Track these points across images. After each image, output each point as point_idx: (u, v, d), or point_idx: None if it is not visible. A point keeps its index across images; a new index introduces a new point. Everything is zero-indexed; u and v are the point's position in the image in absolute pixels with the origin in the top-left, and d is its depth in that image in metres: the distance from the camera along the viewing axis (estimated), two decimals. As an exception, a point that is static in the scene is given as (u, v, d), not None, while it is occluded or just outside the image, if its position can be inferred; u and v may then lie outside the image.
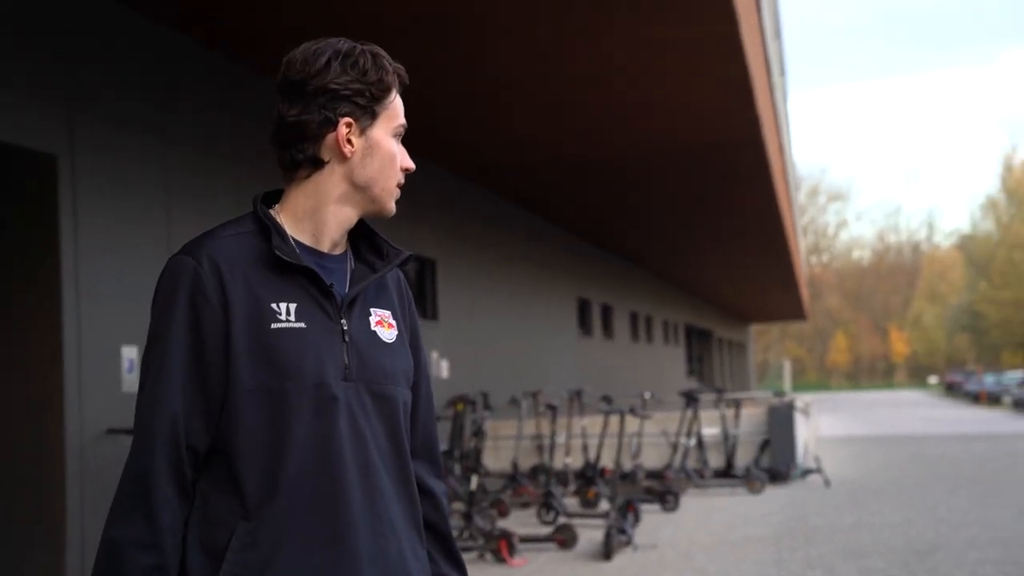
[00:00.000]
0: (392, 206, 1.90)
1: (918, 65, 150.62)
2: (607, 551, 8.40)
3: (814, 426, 21.44)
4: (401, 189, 1.92)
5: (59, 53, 6.28)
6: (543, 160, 12.86)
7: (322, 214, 1.85)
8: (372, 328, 1.87)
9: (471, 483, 9.01)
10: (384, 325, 1.89)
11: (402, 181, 1.91)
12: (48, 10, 6.22)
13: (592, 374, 19.68)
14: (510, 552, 8.23)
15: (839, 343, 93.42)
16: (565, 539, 8.87)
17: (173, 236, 7.01)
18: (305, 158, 1.83)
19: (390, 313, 1.92)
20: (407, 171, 1.91)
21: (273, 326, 1.77)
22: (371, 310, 1.88)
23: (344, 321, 1.82)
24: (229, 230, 1.83)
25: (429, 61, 8.47)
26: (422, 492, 1.94)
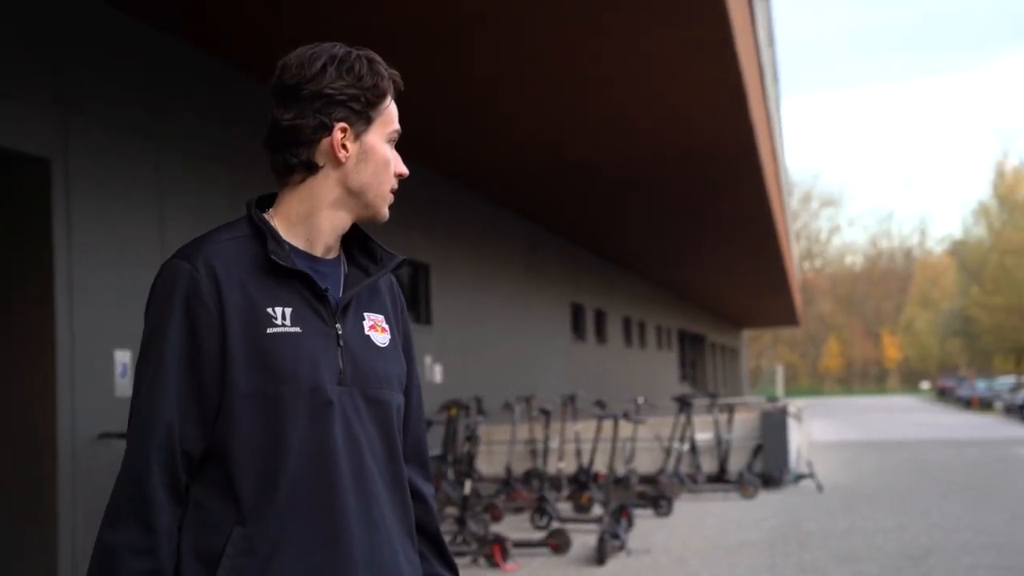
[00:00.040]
0: (386, 211, 1.90)
1: (910, 71, 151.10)
2: (600, 556, 8.40)
3: (807, 431, 21.46)
4: (394, 194, 1.92)
5: (53, 57, 6.27)
6: (537, 165, 12.87)
7: (316, 219, 1.84)
8: (366, 332, 1.87)
9: (464, 488, 9.00)
10: (378, 329, 1.89)
11: (396, 187, 1.91)
12: (42, 14, 6.21)
13: (585, 379, 19.68)
14: (503, 557, 8.23)
15: (832, 348, 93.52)
16: (558, 544, 8.87)
17: (166, 240, 7.00)
18: (299, 162, 1.82)
19: (383, 317, 1.91)
20: (401, 177, 1.90)
21: (269, 331, 1.76)
22: (365, 314, 1.88)
23: (339, 325, 1.82)
24: (224, 234, 1.82)
25: (423, 66, 8.48)
26: (413, 496, 1.94)
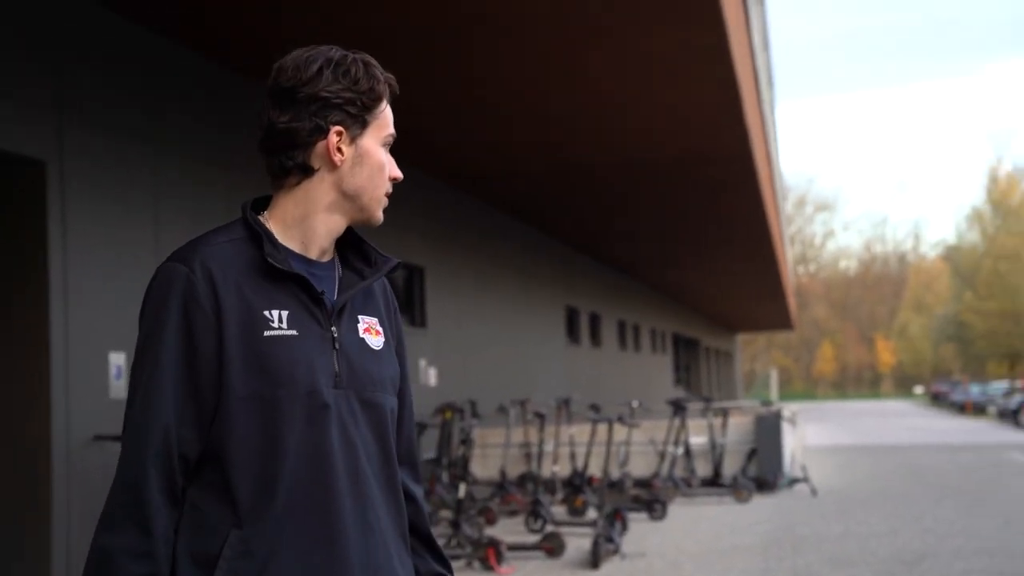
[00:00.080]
0: (380, 215, 1.90)
1: (905, 77, 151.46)
2: (595, 559, 8.40)
3: (801, 435, 21.48)
4: (389, 198, 1.92)
5: (49, 59, 6.27)
6: (532, 168, 12.88)
7: (311, 222, 1.85)
8: (361, 335, 1.87)
9: (459, 491, 9.00)
10: (372, 332, 1.89)
11: (390, 190, 1.91)
12: (38, 16, 6.20)
13: (580, 382, 19.68)
14: (498, 560, 8.23)
15: (825, 353, 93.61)
16: (553, 547, 8.87)
17: (161, 243, 7.00)
18: (295, 165, 1.82)
19: (377, 320, 1.92)
20: (395, 180, 1.91)
21: (266, 333, 1.76)
22: (359, 317, 1.88)
23: (334, 328, 1.82)
24: (220, 237, 1.82)
25: (419, 70, 8.48)
26: (406, 497, 1.95)
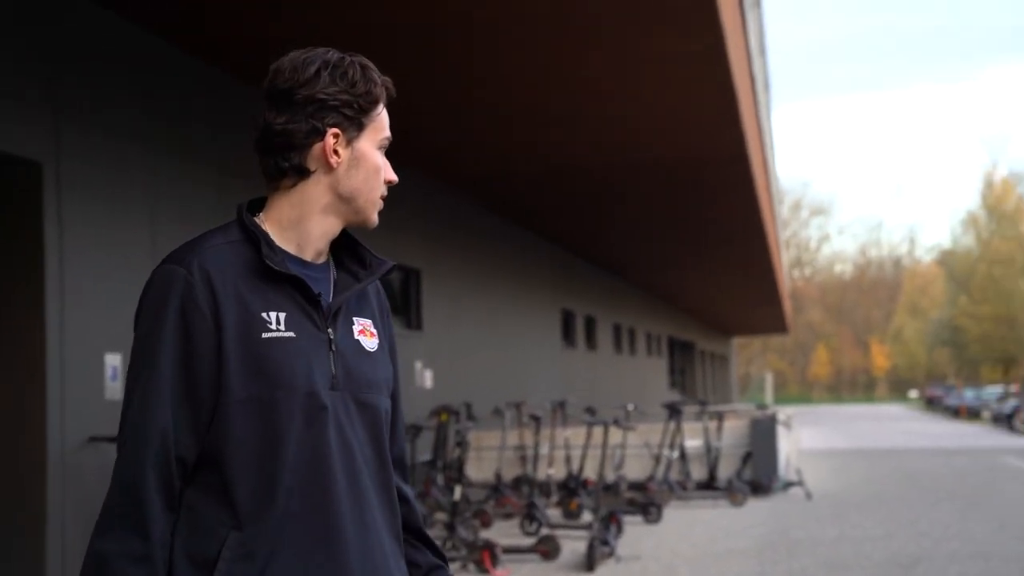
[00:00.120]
0: (375, 217, 1.90)
1: (900, 81, 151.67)
2: (590, 562, 8.40)
3: (796, 439, 21.47)
4: (384, 201, 1.93)
5: (45, 60, 6.26)
6: (529, 171, 12.89)
7: (307, 224, 1.85)
8: (356, 337, 1.87)
9: (454, 493, 9.00)
10: (367, 334, 1.89)
11: (385, 193, 1.91)
12: (34, 17, 6.20)
13: (575, 385, 19.69)
14: (493, 563, 8.22)
15: (820, 356, 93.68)
16: (548, 550, 8.88)
17: (157, 244, 6.99)
18: (291, 167, 1.82)
19: (371, 322, 1.92)
20: (390, 184, 1.91)
21: (264, 335, 1.76)
22: (354, 319, 1.88)
23: (330, 330, 1.83)
24: (217, 238, 1.81)
25: (415, 72, 8.48)
26: (399, 498, 1.96)
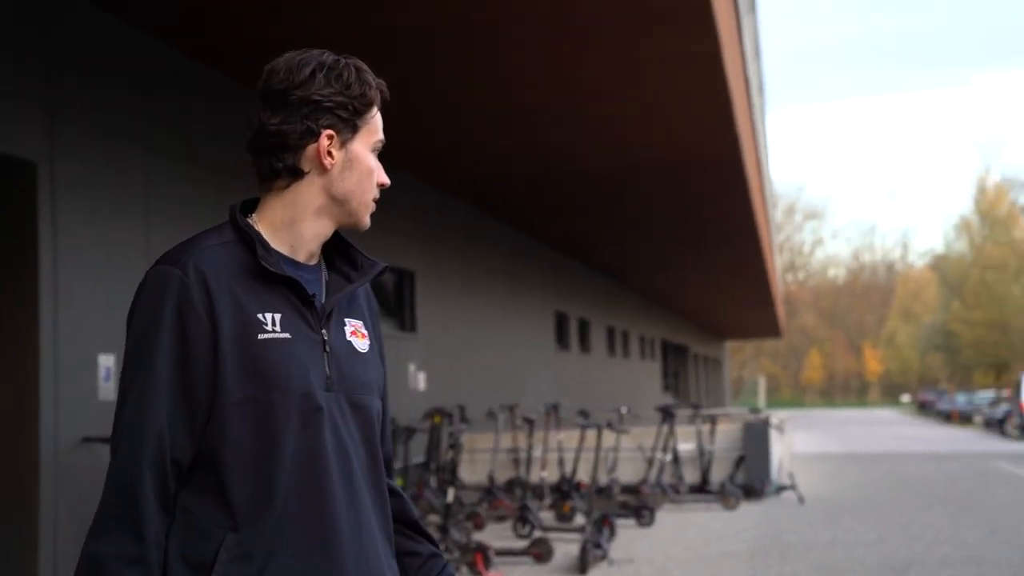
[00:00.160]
0: (367, 220, 1.91)
1: (894, 85, 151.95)
2: (582, 565, 8.41)
3: (788, 443, 21.54)
4: (376, 204, 1.93)
5: (41, 60, 6.25)
6: (523, 174, 12.90)
7: (300, 226, 1.85)
8: (348, 338, 1.87)
9: (447, 496, 9.00)
10: (358, 335, 1.90)
11: (378, 196, 1.91)
12: (30, 17, 6.19)
13: (569, 388, 19.70)
14: (486, 565, 8.22)
15: (813, 360, 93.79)
16: (541, 553, 8.88)
17: (152, 244, 6.99)
18: (285, 167, 1.82)
19: (362, 323, 1.92)
20: (383, 187, 1.91)
21: (260, 337, 1.76)
22: (346, 320, 1.89)
23: (324, 331, 1.83)
24: (211, 239, 1.81)
25: (411, 74, 8.49)
26: (390, 493, 1.97)
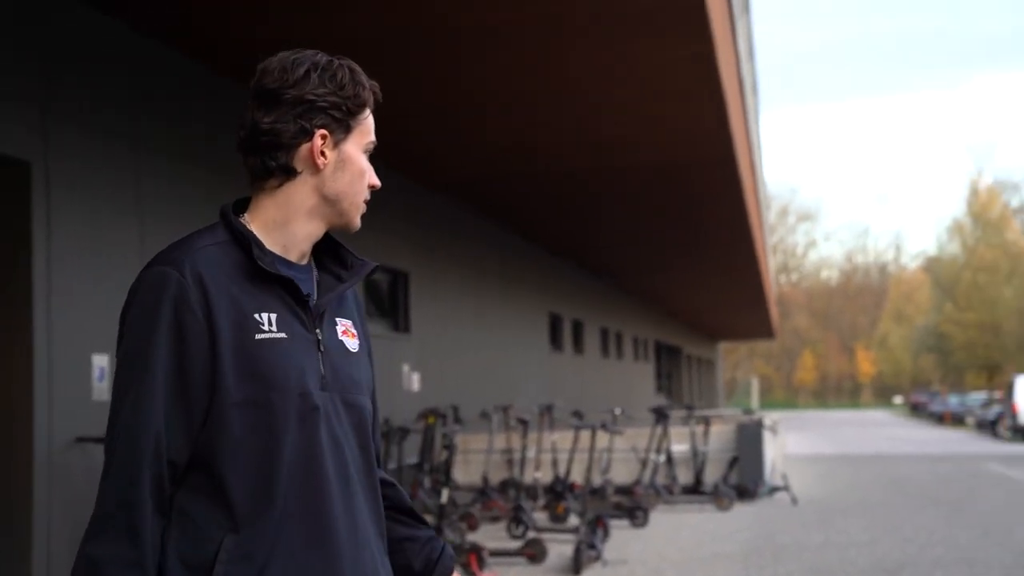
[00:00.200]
0: (358, 221, 1.91)
1: (887, 88, 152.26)
2: (576, 566, 8.41)
3: (781, 444, 21.55)
4: (367, 206, 1.93)
5: (34, 58, 6.24)
6: (517, 175, 12.90)
7: (292, 226, 1.85)
8: (340, 337, 1.88)
9: (441, 496, 9.00)
10: (349, 335, 1.90)
11: (368, 198, 1.92)
12: (24, 16, 6.18)
13: (563, 389, 19.71)
14: (480, 566, 8.22)
15: (806, 362, 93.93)
16: (535, 553, 8.88)
17: (146, 244, 6.98)
18: (277, 166, 1.82)
19: (351, 323, 1.93)
20: (373, 188, 1.91)
21: (257, 337, 1.76)
22: (336, 319, 1.89)
23: (318, 331, 1.83)
24: (205, 239, 1.80)
25: (404, 75, 8.49)
26: (384, 484, 1.98)
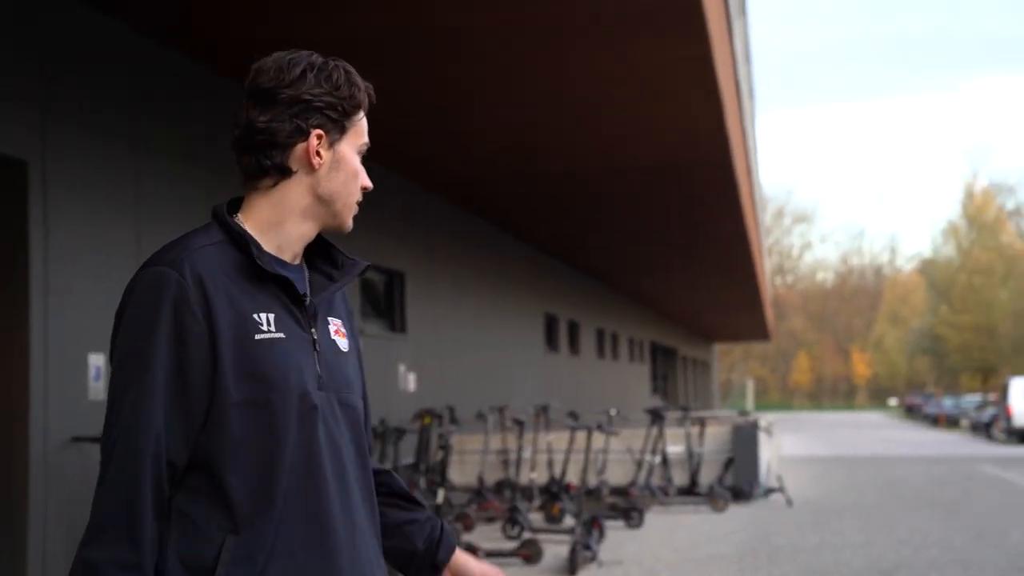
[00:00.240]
0: (351, 222, 1.91)
1: (883, 90, 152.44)
2: (572, 567, 8.42)
3: (777, 446, 21.57)
4: (360, 206, 1.94)
5: (32, 58, 6.23)
6: (513, 176, 12.91)
7: (286, 226, 1.85)
8: (332, 337, 1.88)
9: (437, 497, 9.01)
10: (340, 334, 1.91)
11: (360, 199, 1.92)
12: (22, 15, 6.18)
13: (558, 390, 19.71)
14: (475, 567, 8.22)
15: (802, 364, 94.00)
16: (530, 554, 8.89)
17: (143, 244, 6.97)
18: (273, 165, 1.82)
19: (341, 322, 1.93)
20: (365, 190, 1.92)
21: (257, 337, 1.76)
22: (328, 319, 1.89)
23: (314, 330, 1.84)
24: (202, 240, 1.80)
25: (400, 75, 8.50)
26: (378, 472, 1.99)
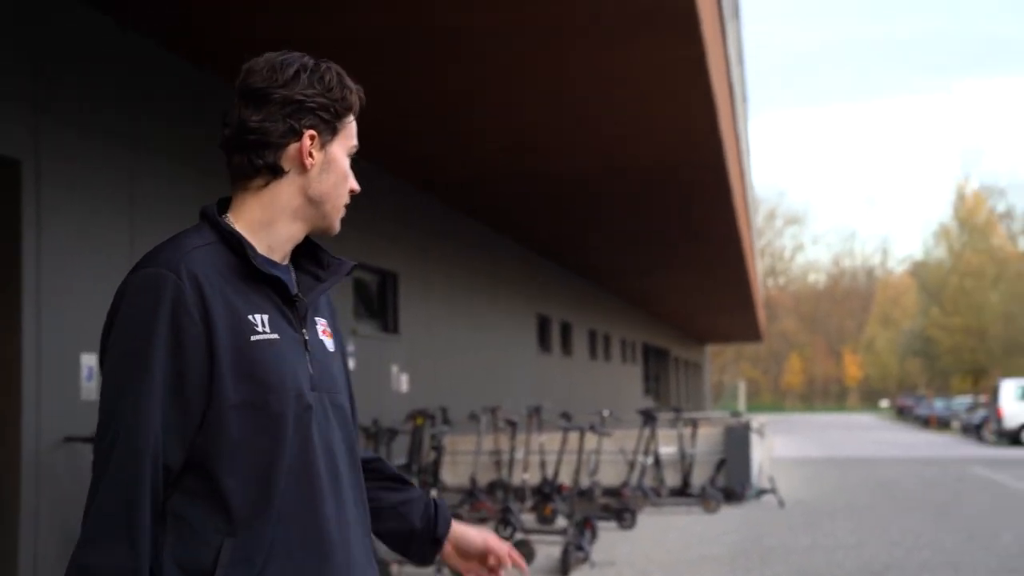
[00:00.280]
0: (338, 224, 1.92)
1: (875, 92, 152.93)
2: (564, 568, 8.43)
3: (768, 447, 21.61)
4: (347, 209, 1.94)
5: (26, 57, 6.22)
6: (506, 177, 12.91)
7: (277, 226, 1.85)
8: (320, 337, 1.88)
9: (429, 498, 9.00)
10: (327, 334, 1.91)
11: (348, 202, 1.93)
12: (17, 13, 6.16)
13: (551, 391, 19.72)
14: (468, 568, 8.22)
15: (793, 365, 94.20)
16: (522, 555, 8.87)
17: (136, 244, 6.97)
18: (265, 165, 1.81)
19: (327, 322, 1.94)
20: (353, 193, 1.92)
21: (253, 338, 1.76)
22: (316, 319, 1.90)
23: (304, 331, 1.84)
24: (195, 240, 1.79)
25: (400, 75, 8.50)
26: (368, 459, 2.01)
